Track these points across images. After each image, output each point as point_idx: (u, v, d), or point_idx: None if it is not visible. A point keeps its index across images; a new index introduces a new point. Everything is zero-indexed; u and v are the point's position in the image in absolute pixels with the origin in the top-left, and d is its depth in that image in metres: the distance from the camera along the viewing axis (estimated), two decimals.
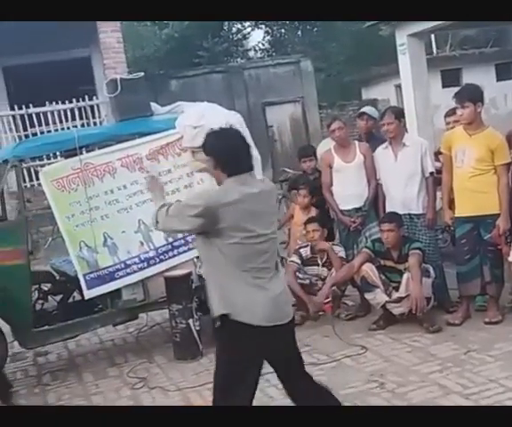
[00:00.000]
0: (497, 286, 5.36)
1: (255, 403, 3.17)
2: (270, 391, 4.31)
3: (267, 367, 3.28)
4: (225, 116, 5.92)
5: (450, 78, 15.98)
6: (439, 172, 5.78)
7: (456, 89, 5.56)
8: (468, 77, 14.37)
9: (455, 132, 5.47)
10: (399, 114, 5.90)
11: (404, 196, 5.71)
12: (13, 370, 5.81)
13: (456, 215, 5.39)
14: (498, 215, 5.15)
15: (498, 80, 16.41)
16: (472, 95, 5.17)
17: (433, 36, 15.99)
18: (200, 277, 5.70)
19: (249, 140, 5.91)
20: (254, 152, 5.96)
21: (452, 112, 5.96)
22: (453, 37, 18.27)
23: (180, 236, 5.63)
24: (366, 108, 6.66)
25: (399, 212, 5.63)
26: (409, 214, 5.74)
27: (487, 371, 4.39)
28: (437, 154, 6.22)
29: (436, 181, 5.78)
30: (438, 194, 5.87)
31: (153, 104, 6.09)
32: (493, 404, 3.88)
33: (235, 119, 5.93)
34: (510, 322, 5.25)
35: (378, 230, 5.73)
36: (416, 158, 5.71)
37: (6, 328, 5.49)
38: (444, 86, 15.87)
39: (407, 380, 4.43)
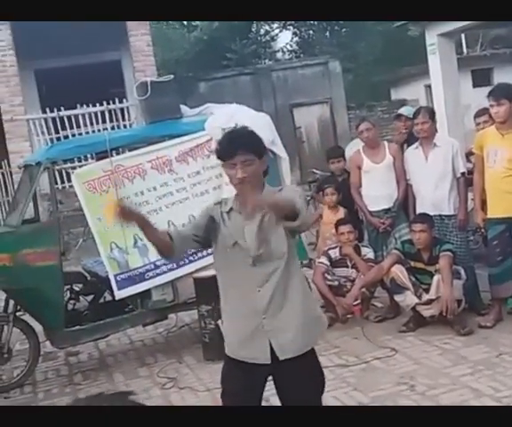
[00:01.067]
0: None
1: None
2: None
3: None
4: (254, 118, 5.94)
5: (481, 78, 15.78)
6: (470, 172, 5.71)
7: (487, 89, 5.49)
8: (500, 77, 14.14)
9: (487, 131, 5.40)
10: (432, 114, 5.85)
11: (434, 196, 5.65)
12: (45, 370, 5.90)
13: (488, 216, 5.32)
14: None
15: None
16: (508, 93, 5.11)
17: (463, 35, 15.80)
18: None
19: (277, 141, 5.99)
20: (282, 153, 5.99)
21: (482, 112, 5.89)
22: (484, 37, 18.01)
23: None
24: (403, 109, 6.62)
25: (430, 213, 5.57)
26: (440, 215, 5.68)
27: None
28: (468, 155, 6.15)
29: (467, 181, 5.71)
30: (470, 195, 5.80)
31: (182, 106, 6.13)
32: None
33: (264, 121, 5.95)
34: None
35: (407, 232, 5.68)
36: (447, 159, 5.65)
37: (39, 328, 5.58)
38: (474, 86, 15.67)
39: (438, 382, 4.38)
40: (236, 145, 2.78)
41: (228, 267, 2.88)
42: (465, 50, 17.48)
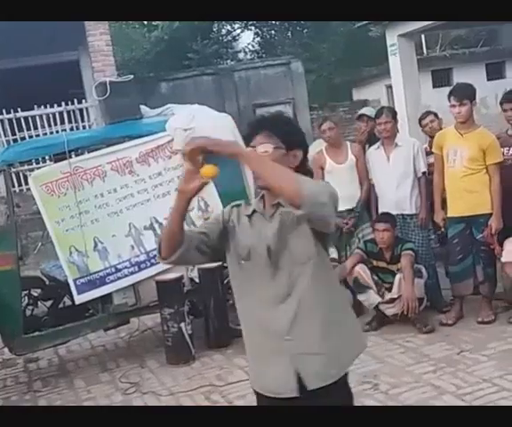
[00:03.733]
0: (489, 286, 5.35)
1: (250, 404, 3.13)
2: None
3: None
4: (215, 119, 5.90)
5: (440, 78, 16.01)
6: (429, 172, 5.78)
7: (447, 89, 5.56)
8: (459, 77, 14.36)
9: (446, 132, 5.47)
10: (394, 113, 5.90)
11: (397, 196, 5.69)
12: (3, 377, 5.77)
13: (448, 215, 5.38)
14: (490, 215, 5.15)
15: (488, 80, 16.43)
16: (469, 93, 5.19)
17: (423, 36, 16.03)
18: (191, 280, 5.68)
19: (240, 142, 5.95)
20: None
21: (424, 115, 6.04)
22: (444, 37, 18.30)
23: None
24: (365, 110, 6.65)
25: (392, 212, 5.61)
26: (402, 215, 5.72)
27: (480, 371, 4.39)
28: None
29: (427, 180, 5.77)
30: None
31: (143, 107, 6.06)
32: (487, 403, 3.87)
33: (225, 121, 5.91)
34: (503, 322, 5.25)
35: (370, 231, 5.71)
36: (409, 158, 5.70)
37: None
38: (434, 86, 15.89)
39: (401, 381, 4.41)
40: (259, 125, 2.30)
41: (243, 279, 2.39)
42: (425, 50, 17.72)
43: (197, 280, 5.63)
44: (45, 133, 11.53)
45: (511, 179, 5.15)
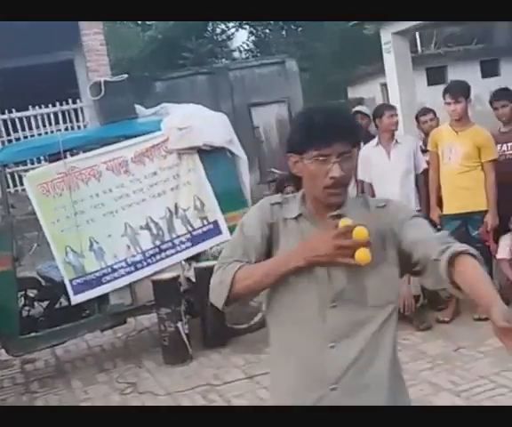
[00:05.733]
0: None
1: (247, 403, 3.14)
2: (260, 393, 4.28)
3: (258, 369, 3.25)
4: (210, 118, 5.90)
5: (435, 76, 16.03)
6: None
7: (442, 87, 5.56)
8: (454, 75, 14.41)
9: (442, 129, 5.47)
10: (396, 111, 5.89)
11: (401, 193, 5.60)
12: (0, 378, 5.74)
13: (444, 213, 5.39)
14: (485, 212, 5.16)
15: (483, 77, 16.47)
16: (464, 90, 5.20)
17: (418, 33, 16.04)
18: (188, 279, 5.67)
19: (235, 140, 5.95)
20: (241, 153, 5.96)
21: (423, 112, 6.03)
22: (438, 35, 18.33)
23: (167, 238, 5.58)
24: (359, 107, 6.64)
25: None
26: None
27: (477, 367, 4.40)
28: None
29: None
30: None
31: (137, 106, 6.05)
32: (484, 400, 3.88)
33: (221, 120, 5.91)
34: None
35: None
36: (410, 155, 5.64)
37: None
38: (429, 84, 15.91)
39: None
40: (335, 130, 1.84)
41: (288, 305, 1.89)
42: (419, 48, 17.74)
43: (194, 279, 5.62)
44: (40, 134, 11.51)
45: (503, 175, 5.16)
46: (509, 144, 5.36)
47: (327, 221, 1.86)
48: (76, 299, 5.41)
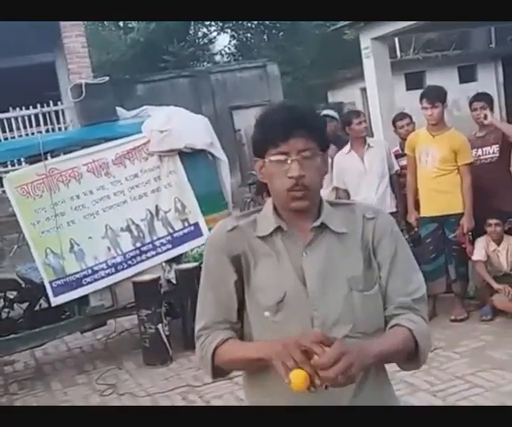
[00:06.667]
0: (462, 284, 5.46)
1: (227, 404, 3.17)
2: (240, 394, 4.31)
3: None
4: (192, 120, 5.93)
5: (414, 81, 16.19)
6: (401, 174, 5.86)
7: (420, 92, 5.64)
8: (432, 80, 14.57)
9: (419, 133, 5.56)
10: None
11: (377, 196, 5.67)
12: None
13: (421, 215, 5.47)
14: (462, 215, 5.25)
15: (461, 82, 16.69)
16: (440, 95, 5.28)
17: (397, 39, 16.19)
18: (168, 281, 5.69)
19: (216, 143, 5.99)
20: (222, 156, 6.00)
21: (400, 117, 6.10)
22: (417, 41, 18.53)
23: (148, 240, 5.60)
24: (327, 111, 6.71)
25: None
26: None
27: (453, 368, 4.47)
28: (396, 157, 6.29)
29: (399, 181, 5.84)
30: None
31: (119, 109, 6.06)
32: (460, 400, 3.95)
33: (202, 123, 5.94)
34: (475, 319, 5.35)
35: None
36: (383, 158, 5.74)
37: None
38: (408, 89, 16.07)
39: None
40: (291, 124, 1.70)
41: (271, 336, 1.66)
42: (398, 54, 17.92)
43: (174, 281, 5.64)
44: (21, 136, 11.44)
45: (479, 180, 5.25)
46: (485, 149, 5.46)
47: (308, 235, 1.70)
48: (55, 300, 5.41)
